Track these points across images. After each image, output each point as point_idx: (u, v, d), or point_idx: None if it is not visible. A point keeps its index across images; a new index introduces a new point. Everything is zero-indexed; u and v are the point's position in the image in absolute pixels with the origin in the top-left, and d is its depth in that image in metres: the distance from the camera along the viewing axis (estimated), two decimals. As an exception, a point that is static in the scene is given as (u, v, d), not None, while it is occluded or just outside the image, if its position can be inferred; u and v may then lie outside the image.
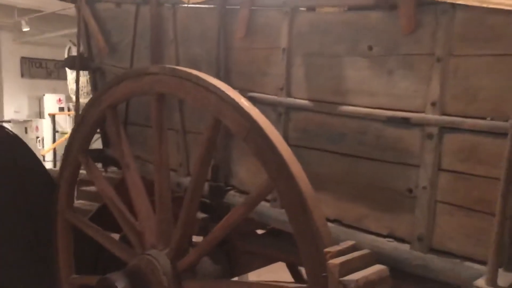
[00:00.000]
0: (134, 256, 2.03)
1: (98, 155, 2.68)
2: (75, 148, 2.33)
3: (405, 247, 1.56)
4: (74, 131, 2.33)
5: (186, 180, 2.30)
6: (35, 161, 2.58)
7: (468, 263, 1.43)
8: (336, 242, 1.47)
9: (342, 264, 1.33)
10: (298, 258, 2.12)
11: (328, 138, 1.75)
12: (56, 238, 2.46)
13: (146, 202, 2.08)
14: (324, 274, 1.37)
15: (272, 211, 1.90)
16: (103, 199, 2.22)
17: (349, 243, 1.45)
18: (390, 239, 1.61)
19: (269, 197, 1.91)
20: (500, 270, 1.29)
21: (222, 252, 2.17)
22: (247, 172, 2.06)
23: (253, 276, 2.94)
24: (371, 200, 1.66)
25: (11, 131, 2.45)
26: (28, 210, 2.49)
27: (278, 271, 3.22)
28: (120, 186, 2.39)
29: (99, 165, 2.65)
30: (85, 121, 2.26)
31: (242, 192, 2.07)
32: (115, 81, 2.06)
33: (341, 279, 1.30)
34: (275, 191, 1.64)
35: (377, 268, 1.39)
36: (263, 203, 1.88)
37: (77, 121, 2.31)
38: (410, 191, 1.56)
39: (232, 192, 2.09)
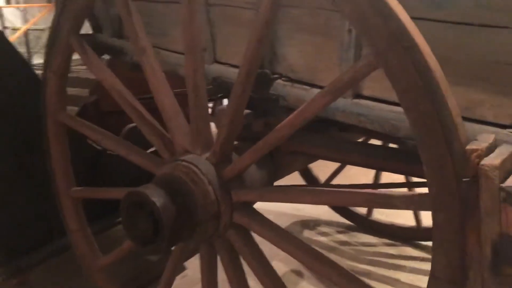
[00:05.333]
0: (161, 163, 1.63)
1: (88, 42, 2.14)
2: (65, 30, 1.79)
3: (540, 138, 1.22)
4: (62, 8, 1.78)
5: (212, 68, 1.84)
6: (14, 53, 2.04)
7: None
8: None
9: (501, 165, 0.97)
10: (354, 156, 1.79)
11: (431, 2, 1.31)
12: (49, 145, 2.01)
13: (171, 94, 1.64)
14: (466, 179, 1.02)
15: (342, 102, 1.50)
16: (110, 92, 1.75)
17: (489, 137, 1.08)
18: (515, 130, 1.26)
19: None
20: None
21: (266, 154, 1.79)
22: (300, 54, 1.61)
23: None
24: (489, 82, 1.28)
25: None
26: (12, 113, 1.99)
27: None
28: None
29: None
30: (77, -8, 1.71)
31: (293, 80, 1.65)
32: None
33: (503, 185, 0.95)
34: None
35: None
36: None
37: (65, -6, 1.75)
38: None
39: (280, 81, 1.65)
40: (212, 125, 1.63)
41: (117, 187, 1.93)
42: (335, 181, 3.32)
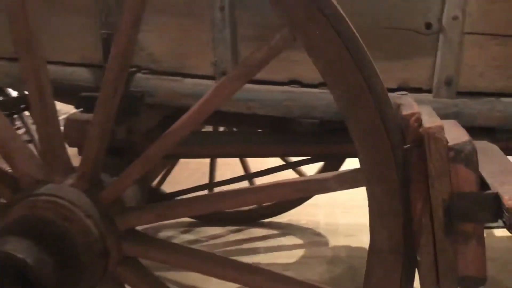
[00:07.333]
0: (3, 206, 1.21)
1: None
2: None
3: (427, 97, 1.28)
4: None
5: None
6: None
7: (506, 99, 1.26)
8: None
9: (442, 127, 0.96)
10: (231, 148, 1.65)
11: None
12: None
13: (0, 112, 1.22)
14: (407, 146, 0.98)
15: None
16: None
17: (411, 100, 1.07)
18: (403, 92, 1.30)
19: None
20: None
21: (125, 164, 1.49)
22: (161, 41, 1.37)
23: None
24: (374, 48, 1.28)
25: None
26: None
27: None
28: None
29: None
30: None
31: (156, 72, 1.40)
32: None
33: (451, 144, 0.94)
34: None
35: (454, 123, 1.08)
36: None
37: None
38: (429, 26, 1.24)
39: (139, 75, 1.39)
40: None
41: None
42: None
